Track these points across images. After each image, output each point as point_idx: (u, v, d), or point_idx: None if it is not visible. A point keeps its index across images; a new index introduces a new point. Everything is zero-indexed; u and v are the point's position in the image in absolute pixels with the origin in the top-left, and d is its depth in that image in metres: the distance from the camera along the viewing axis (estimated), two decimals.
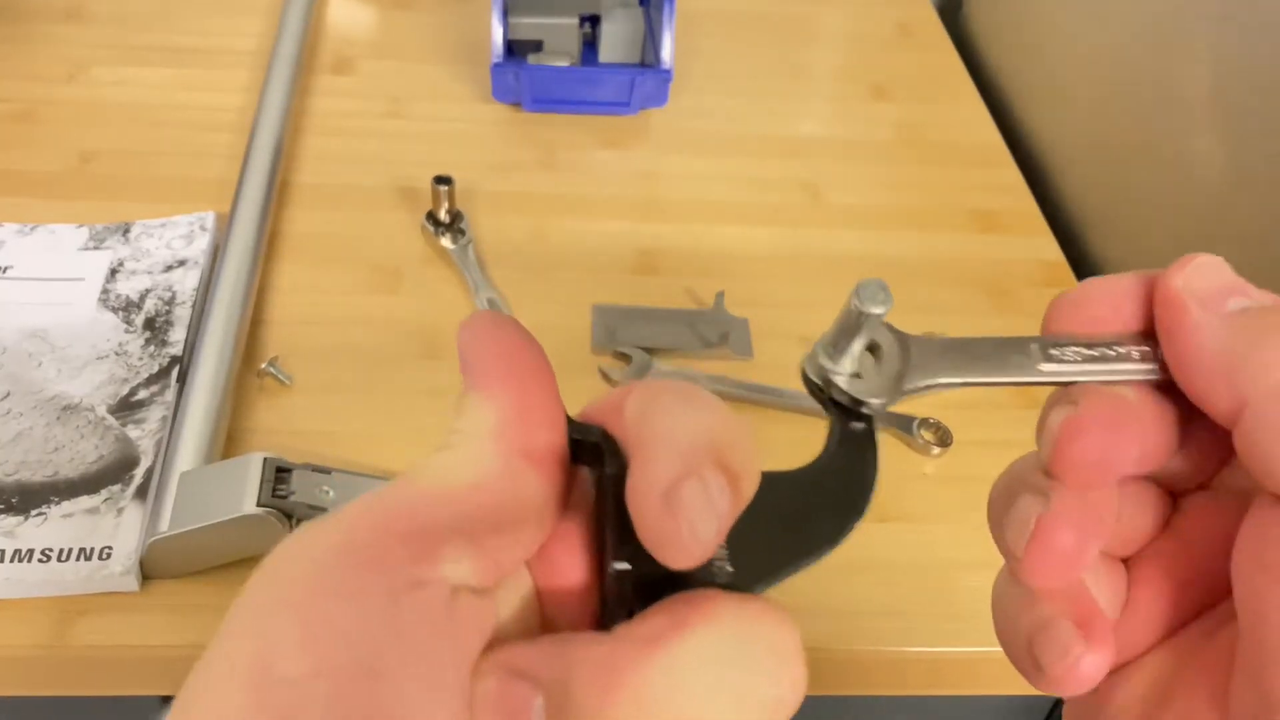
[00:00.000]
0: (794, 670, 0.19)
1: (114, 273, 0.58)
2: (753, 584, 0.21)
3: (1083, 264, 0.69)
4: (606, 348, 0.57)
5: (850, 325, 0.23)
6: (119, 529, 0.46)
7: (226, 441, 0.51)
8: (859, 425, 0.24)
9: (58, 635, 0.44)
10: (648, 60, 0.75)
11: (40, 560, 0.45)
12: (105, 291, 0.57)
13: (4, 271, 0.58)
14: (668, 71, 0.73)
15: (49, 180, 0.65)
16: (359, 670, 0.18)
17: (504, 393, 0.22)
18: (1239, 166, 0.57)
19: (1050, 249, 0.68)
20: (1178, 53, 0.62)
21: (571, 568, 0.22)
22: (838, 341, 0.24)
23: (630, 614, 0.20)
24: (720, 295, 0.60)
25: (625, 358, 0.57)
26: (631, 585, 0.20)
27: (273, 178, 0.63)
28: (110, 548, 0.45)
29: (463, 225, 0.63)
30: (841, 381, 0.24)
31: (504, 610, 0.21)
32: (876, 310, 0.23)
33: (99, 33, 0.77)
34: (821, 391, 0.24)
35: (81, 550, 0.45)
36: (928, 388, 0.25)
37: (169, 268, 0.59)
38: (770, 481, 0.21)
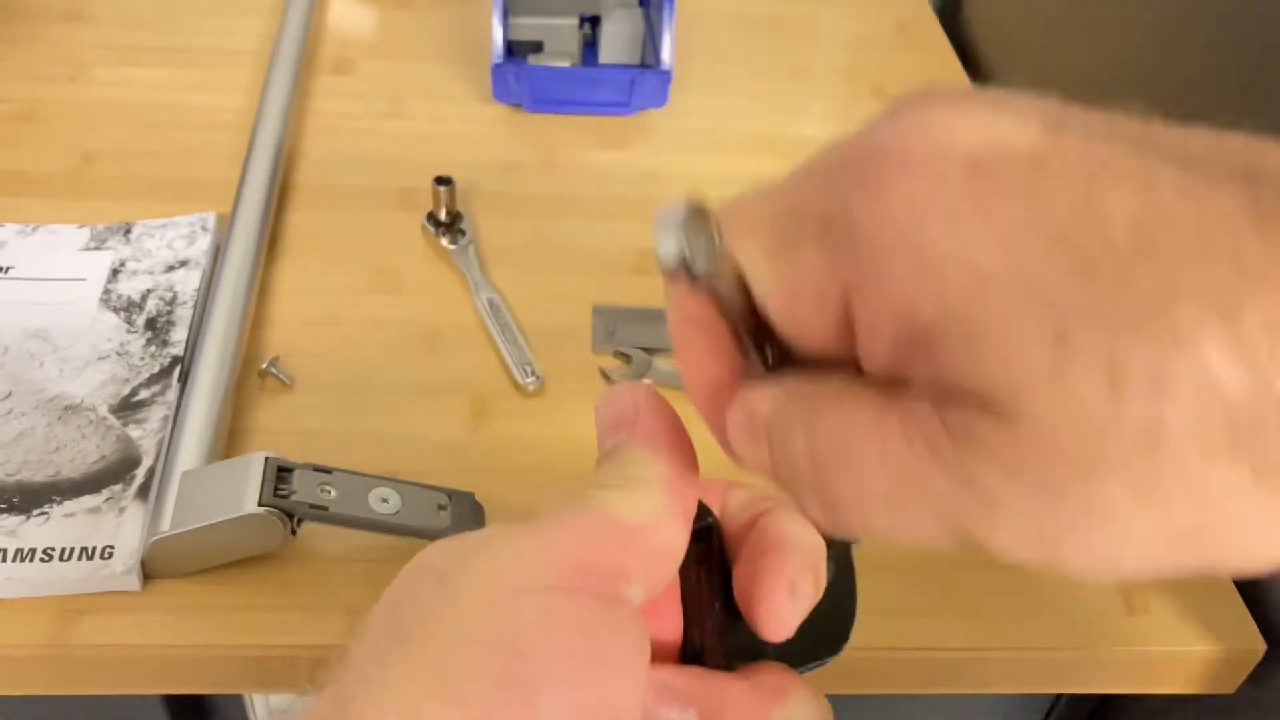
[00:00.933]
0: None
1: (115, 273, 0.58)
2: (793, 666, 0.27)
3: None
4: (606, 348, 0.58)
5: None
6: (120, 528, 0.46)
7: (228, 441, 0.51)
8: (841, 552, 0.30)
9: (59, 635, 0.44)
10: (648, 61, 0.75)
11: (42, 560, 0.45)
12: (107, 292, 0.57)
13: (6, 272, 0.58)
14: (667, 72, 0.73)
15: (50, 180, 0.65)
16: (589, 654, 0.22)
17: (674, 452, 0.25)
18: None
19: None
20: (1176, 54, 0.62)
21: (668, 614, 0.27)
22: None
23: (721, 667, 0.26)
24: None
25: (625, 358, 0.57)
26: (721, 643, 0.26)
27: (274, 178, 0.64)
28: (112, 547, 0.46)
29: (463, 225, 0.63)
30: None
31: None
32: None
33: (100, 33, 0.77)
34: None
35: (83, 550, 0.46)
36: None
37: (170, 268, 0.59)
38: None
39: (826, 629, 0.29)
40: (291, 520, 0.44)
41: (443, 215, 0.62)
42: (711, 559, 0.27)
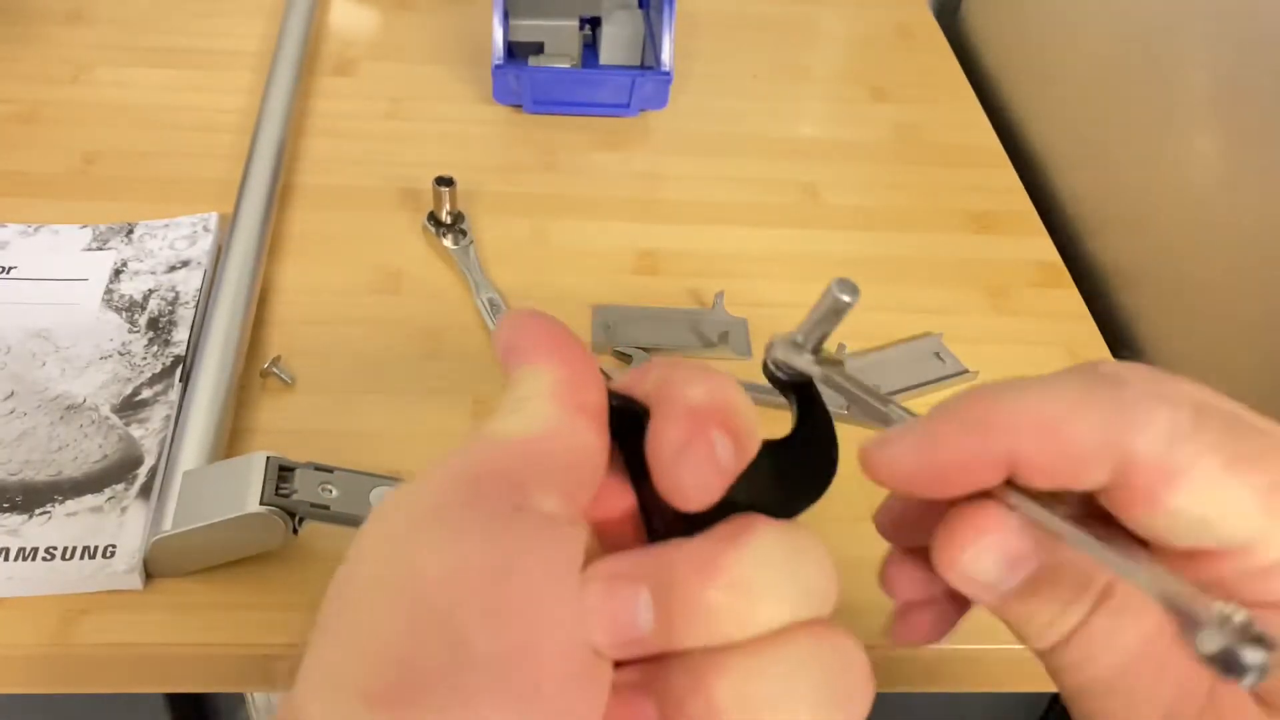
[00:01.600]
0: (832, 568, 0.23)
1: (117, 273, 0.59)
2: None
3: (1079, 265, 0.69)
4: (606, 348, 0.58)
5: (828, 314, 0.28)
6: (123, 528, 0.46)
7: (229, 441, 0.51)
8: (809, 396, 0.29)
9: (61, 634, 0.44)
10: (648, 62, 0.76)
11: (44, 559, 0.45)
12: (109, 292, 0.57)
13: (8, 272, 0.58)
14: (668, 73, 0.73)
15: (52, 181, 0.65)
16: (495, 570, 0.21)
17: (556, 362, 0.25)
18: (1236, 168, 0.57)
19: (1047, 250, 0.68)
20: (1175, 54, 0.63)
21: (619, 506, 0.26)
22: (811, 332, 0.28)
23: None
24: (720, 295, 0.60)
25: (625, 358, 0.57)
26: (682, 521, 0.24)
27: (275, 179, 0.64)
28: (114, 546, 0.46)
29: (464, 226, 0.63)
30: (801, 364, 0.29)
31: None
32: (848, 299, 0.27)
33: (101, 34, 0.77)
34: (781, 378, 0.29)
35: (85, 549, 0.46)
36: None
37: (172, 268, 0.59)
38: (767, 446, 0.26)
39: (803, 473, 0.27)
40: (293, 519, 0.45)
41: (444, 216, 0.62)
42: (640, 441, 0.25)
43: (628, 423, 0.25)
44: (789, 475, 0.26)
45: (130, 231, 0.61)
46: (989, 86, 0.85)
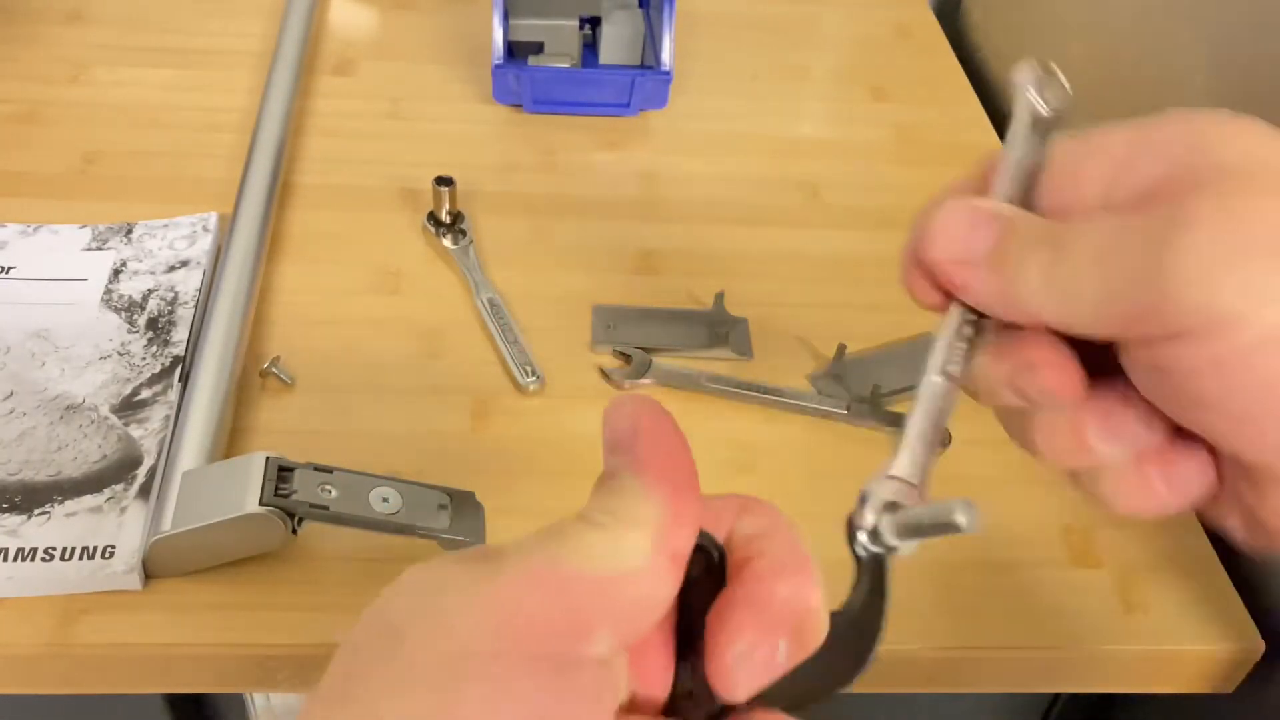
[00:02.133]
0: None
1: (117, 273, 0.58)
2: (784, 707, 0.25)
3: None
4: (606, 347, 0.58)
5: (938, 527, 0.25)
6: (122, 528, 0.46)
7: (229, 441, 0.51)
8: (878, 577, 0.26)
9: (61, 634, 0.44)
10: (648, 62, 0.75)
11: (44, 559, 0.45)
12: (108, 292, 0.57)
13: (7, 272, 0.58)
14: (667, 73, 0.73)
15: (52, 181, 0.65)
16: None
17: (666, 491, 0.23)
18: None
19: None
20: (1174, 54, 0.63)
21: (658, 654, 0.25)
22: (909, 530, 0.26)
23: (714, 714, 0.24)
24: (720, 295, 0.60)
25: (625, 357, 0.57)
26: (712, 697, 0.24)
27: (275, 178, 0.64)
28: (113, 546, 0.46)
29: (464, 226, 0.63)
30: (897, 545, 0.26)
31: None
32: (967, 525, 0.24)
33: (101, 34, 0.77)
34: (864, 547, 0.27)
35: (84, 549, 0.46)
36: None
37: (171, 268, 0.59)
38: None
39: (839, 660, 0.25)
40: (292, 520, 0.45)
41: (444, 215, 0.62)
42: (710, 593, 0.24)
43: (699, 561, 0.24)
44: (828, 654, 0.25)
45: (130, 231, 0.61)
46: (989, 86, 0.84)
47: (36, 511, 0.47)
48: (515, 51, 0.75)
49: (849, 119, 0.78)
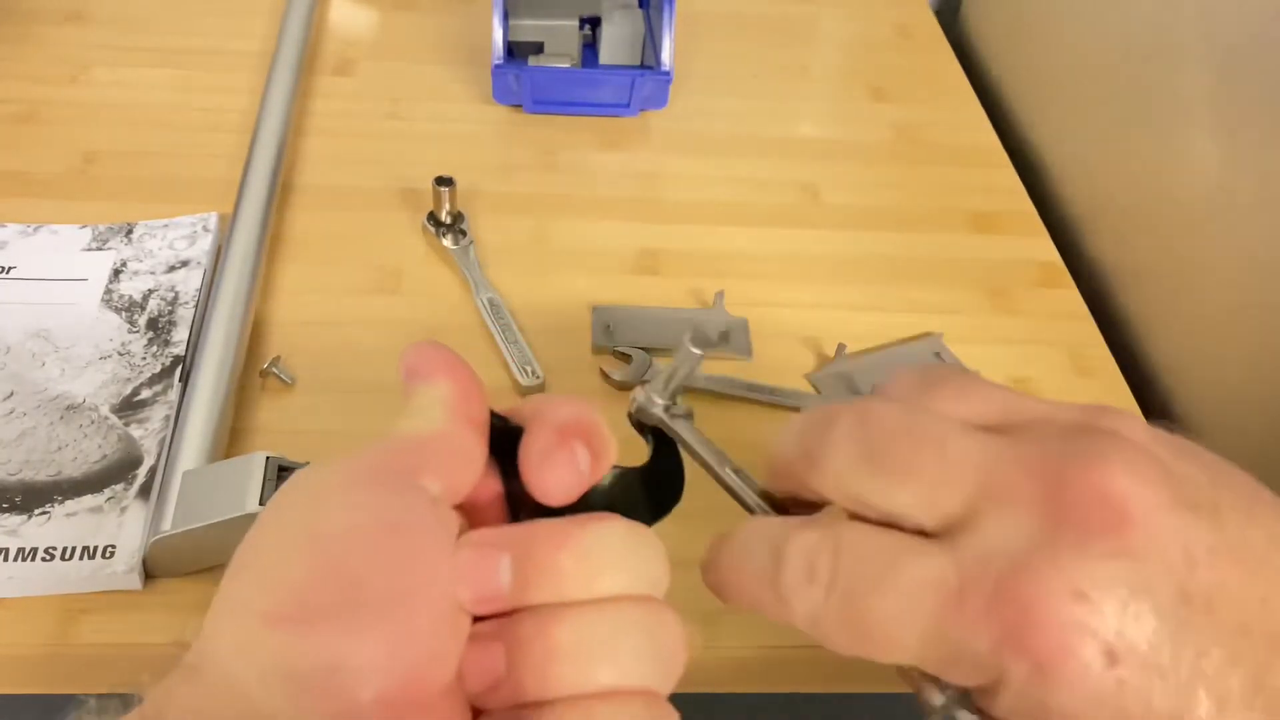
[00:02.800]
0: (665, 561, 0.28)
1: (117, 273, 0.58)
2: None
3: (1079, 264, 0.69)
4: (606, 347, 0.58)
5: (682, 365, 0.35)
6: (122, 528, 0.46)
7: (229, 441, 0.51)
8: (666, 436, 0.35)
9: (61, 634, 0.44)
10: (648, 62, 0.76)
11: (44, 559, 0.45)
12: (108, 292, 0.57)
13: (7, 272, 0.58)
14: (667, 73, 0.73)
15: (52, 181, 0.65)
16: (387, 530, 0.26)
17: (451, 380, 0.30)
18: (1235, 168, 0.57)
19: (1047, 250, 0.68)
20: (1174, 54, 0.63)
21: (491, 501, 0.31)
22: (668, 384, 0.35)
23: None
24: (720, 295, 0.60)
25: (625, 358, 0.57)
26: (544, 515, 0.29)
27: (275, 178, 0.64)
28: (113, 546, 0.46)
29: (464, 226, 0.63)
30: (654, 414, 0.36)
31: None
32: (699, 352, 0.34)
33: (101, 34, 0.77)
34: (642, 423, 0.36)
35: (85, 549, 0.46)
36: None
37: (172, 268, 0.59)
38: (624, 472, 0.32)
39: (652, 496, 0.32)
40: None
41: (444, 216, 0.62)
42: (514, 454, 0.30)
43: (506, 437, 0.30)
44: (639, 496, 0.32)
45: (130, 231, 0.61)
46: (989, 86, 0.85)
47: (37, 511, 0.47)
48: (515, 52, 0.75)
49: (849, 119, 0.78)
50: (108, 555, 0.45)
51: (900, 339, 0.60)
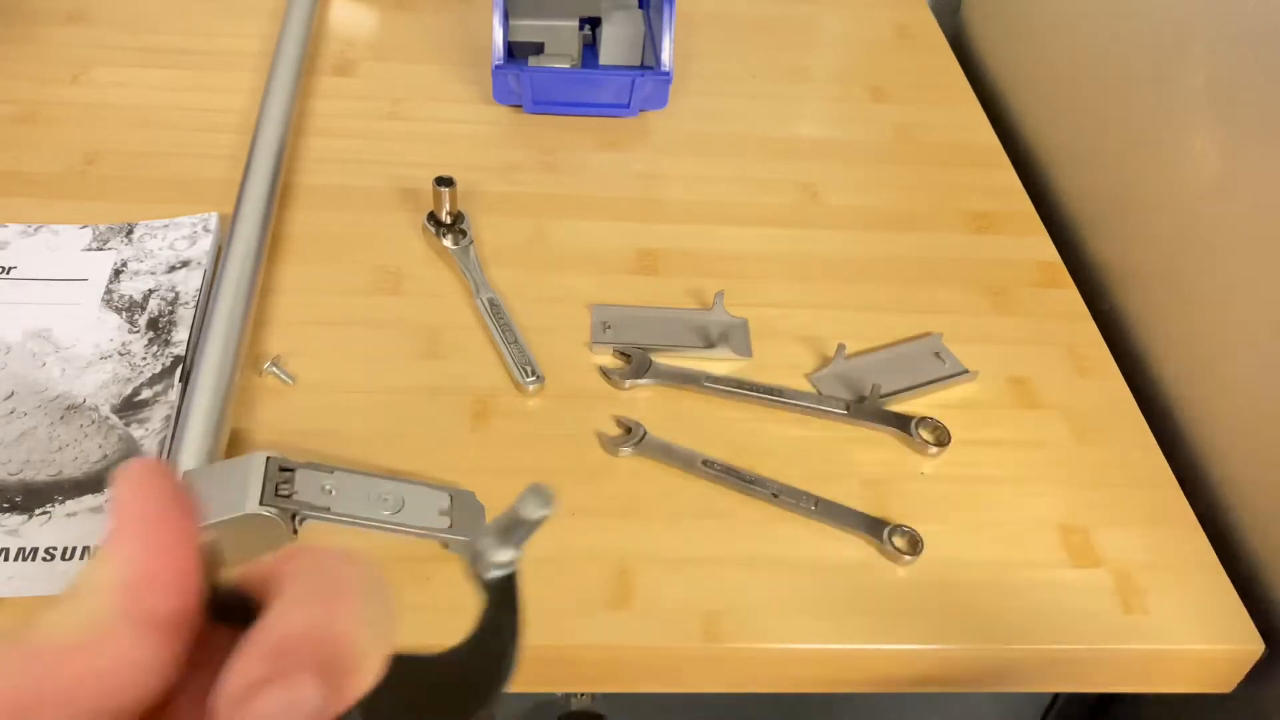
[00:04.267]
0: None
1: (118, 273, 0.59)
2: None
3: (1079, 264, 0.69)
4: (606, 347, 0.58)
5: (517, 525, 0.23)
6: None
7: (229, 441, 0.51)
8: (506, 601, 0.24)
9: None
10: (647, 62, 0.76)
11: (44, 559, 0.45)
12: (109, 292, 0.57)
13: (8, 272, 0.58)
14: (667, 74, 0.73)
15: (52, 181, 0.65)
16: None
17: (137, 549, 0.20)
18: (1235, 167, 0.57)
19: (1046, 249, 0.68)
20: (1173, 54, 0.63)
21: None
22: (505, 538, 0.24)
23: None
24: (720, 295, 0.60)
25: (625, 357, 0.57)
26: None
27: (275, 179, 0.64)
28: None
29: (464, 226, 0.63)
30: (500, 563, 0.24)
31: None
32: (544, 513, 0.23)
33: (102, 34, 0.77)
34: (481, 577, 0.25)
35: (85, 549, 0.46)
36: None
37: (172, 268, 0.59)
38: (411, 660, 0.22)
39: (459, 694, 0.23)
40: (292, 519, 0.45)
41: (444, 216, 0.62)
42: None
43: (239, 621, 0.20)
44: (442, 691, 0.22)
45: (130, 232, 0.61)
46: (989, 86, 0.85)
47: (37, 511, 0.47)
48: (515, 52, 0.75)
49: (849, 119, 0.78)
50: None
51: (900, 339, 0.60)
